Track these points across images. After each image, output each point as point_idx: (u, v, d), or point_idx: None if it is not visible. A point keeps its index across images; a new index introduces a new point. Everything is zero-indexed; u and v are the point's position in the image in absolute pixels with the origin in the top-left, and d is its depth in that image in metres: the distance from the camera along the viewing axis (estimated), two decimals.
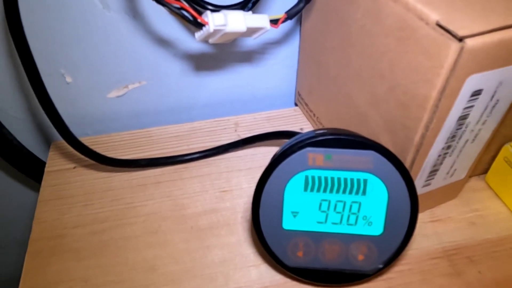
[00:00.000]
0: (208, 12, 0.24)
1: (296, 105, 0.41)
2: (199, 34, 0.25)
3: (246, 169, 0.34)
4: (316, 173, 0.24)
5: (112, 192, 0.33)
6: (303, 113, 0.40)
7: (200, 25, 0.24)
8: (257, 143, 0.36)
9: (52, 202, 0.32)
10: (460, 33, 0.19)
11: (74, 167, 0.35)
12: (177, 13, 0.24)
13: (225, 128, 0.38)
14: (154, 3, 0.30)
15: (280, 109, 0.40)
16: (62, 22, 0.32)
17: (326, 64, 0.32)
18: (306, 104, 0.38)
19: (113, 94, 0.37)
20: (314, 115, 0.37)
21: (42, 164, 0.37)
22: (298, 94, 0.40)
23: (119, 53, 0.35)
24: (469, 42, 0.19)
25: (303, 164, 0.24)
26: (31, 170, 0.37)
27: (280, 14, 0.27)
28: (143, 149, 0.37)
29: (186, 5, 0.23)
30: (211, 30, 0.23)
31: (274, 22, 0.26)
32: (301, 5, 0.27)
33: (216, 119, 0.39)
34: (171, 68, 0.37)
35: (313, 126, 0.38)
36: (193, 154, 0.35)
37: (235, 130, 0.38)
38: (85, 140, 0.37)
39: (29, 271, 0.28)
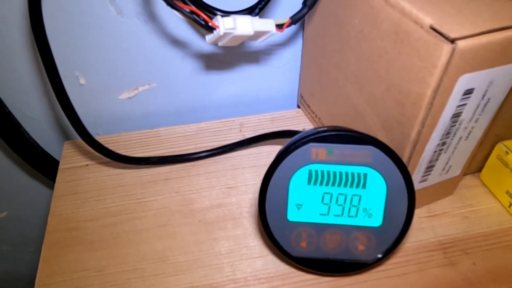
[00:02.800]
0: (219, 16, 0.25)
1: (298, 107, 0.43)
2: (209, 37, 0.26)
3: (251, 167, 0.36)
4: (319, 167, 0.25)
5: (123, 188, 0.35)
6: (305, 114, 0.41)
7: (211, 29, 0.26)
8: (261, 142, 0.37)
9: (66, 197, 0.34)
10: (452, 35, 0.21)
11: (87, 165, 0.37)
12: (189, 17, 0.25)
13: (230, 129, 0.40)
14: (165, 10, 0.33)
15: (283, 111, 0.42)
16: (78, 27, 0.33)
17: (326, 67, 0.34)
18: (308, 106, 0.40)
19: (124, 95, 0.39)
20: (316, 116, 0.39)
21: (55, 162, 0.39)
22: (300, 96, 0.41)
23: (130, 56, 0.36)
24: (460, 43, 0.21)
25: (307, 158, 0.25)
26: (45, 168, 0.38)
27: (285, 19, 0.28)
28: (152, 148, 0.38)
29: (198, 9, 0.25)
30: (221, 33, 0.25)
31: (279, 26, 0.28)
32: (305, 10, 0.29)
33: (222, 120, 0.41)
34: (180, 71, 0.38)
35: (315, 127, 0.40)
36: (201, 152, 0.36)
37: (240, 130, 0.40)
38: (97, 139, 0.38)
39: (46, 261, 0.29)
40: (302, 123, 0.40)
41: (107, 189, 0.34)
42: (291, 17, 0.29)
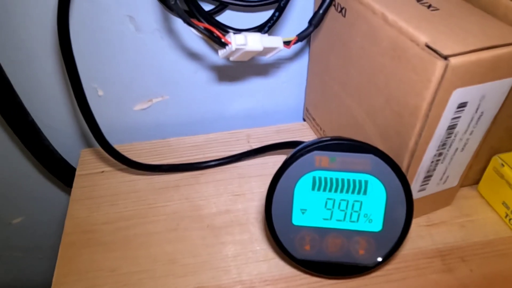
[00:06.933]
0: (231, 33, 0.28)
1: (304, 120, 0.45)
2: (222, 52, 0.28)
3: (257, 176, 0.38)
4: (322, 174, 0.27)
5: (136, 194, 0.36)
6: (311, 127, 0.43)
7: (223, 44, 0.28)
8: (267, 153, 0.39)
9: (82, 201, 0.36)
10: (445, 52, 0.23)
11: (102, 172, 0.38)
12: (204, 33, 0.28)
13: (238, 140, 0.42)
14: (180, 28, 0.35)
15: (289, 123, 0.43)
16: (99, 43, 0.36)
17: (329, 81, 0.36)
18: (314, 119, 0.42)
19: (138, 107, 0.41)
20: (320, 128, 0.41)
21: (72, 168, 0.41)
22: (306, 110, 0.43)
23: (146, 70, 0.39)
24: (452, 60, 0.23)
25: (311, 165, 0.27)
26: (62, 174, 0.40)
27: (292, 36, 0.30)
28: (163, 157, 0.40)
29: (212, 27, 0.27)
30: (233, 48, 0.27)
31: (286, 43, 0.30)
32: (310, 29, 0.31)
33: (230, 131, 0.43)
34: (191, 84, 0.41)
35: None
36: (209, 162, 0.38)
37: (248, 142, 0.42)
38: None
39: (62, 261, 0.31)
40: (307, 136, 0.42)
41: (121, 195, 0.36)
42: (298, 35, 0.31)
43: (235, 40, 0.27)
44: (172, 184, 0.37)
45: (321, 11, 0.31)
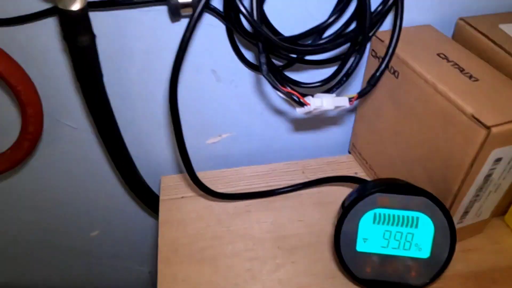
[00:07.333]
0: (310, 96, 0.34)
1: (349, 152, 0.51)
2: (301, 110, 0.35)
3: (316, 204, 0.44)
4: (382, 211, 0.34)
5: (214, 217, 0.43)
6: (356, 160, 0.50)
7: (302, 104, 0.35)
8: (324, 184, 0.46)
9: (168, 224, 0.42)
10: (488, 123, 0.29)
11: (182, 197, 0.45)
12: (287, 96, 0.34)
13: (294, 170, 0.49)
14: (251, 79, 0.42)
15: (337, 156, 0.50)
16: (184, 89, 0.43)
17: (381, 127, 0.42)
18: (360, 153, 0.48)
19: (210, 140, 0.48)
20: (366, 162, 0.47)
21: (152, 193, 0.48)
22: (352, 145, 0.50)
23: (219, 111, 0.46)
24: (494, 129, 0.29)
25: (373, 204, 0.34)
26: (147, 199, 0.47)
27: (353, 94, 0.37)
28: (230, 185, 0.47)
29: (294, 91, 0.34)
30: (312, 109, 0.34)
31: (349, 99, 0.37)
32: (369, 88, 0.38)
33: (287, 162, 0.49)
34: (256, 123, 0.48)
35: (365, 172, 0.48)
36: (277, 190, 0.45)
37: (303, 172, 0.48)
38: (185, 176, 0.47)
39: (163, 276, 0.38)
40: (354, 168, 0.49)
41: (202, 219, 0.43)
42: (358, 93, 0.37)
43: (314, 103, 0.34)
44: (244, 209, 0.44)
45: (378, 74, 0.38)
